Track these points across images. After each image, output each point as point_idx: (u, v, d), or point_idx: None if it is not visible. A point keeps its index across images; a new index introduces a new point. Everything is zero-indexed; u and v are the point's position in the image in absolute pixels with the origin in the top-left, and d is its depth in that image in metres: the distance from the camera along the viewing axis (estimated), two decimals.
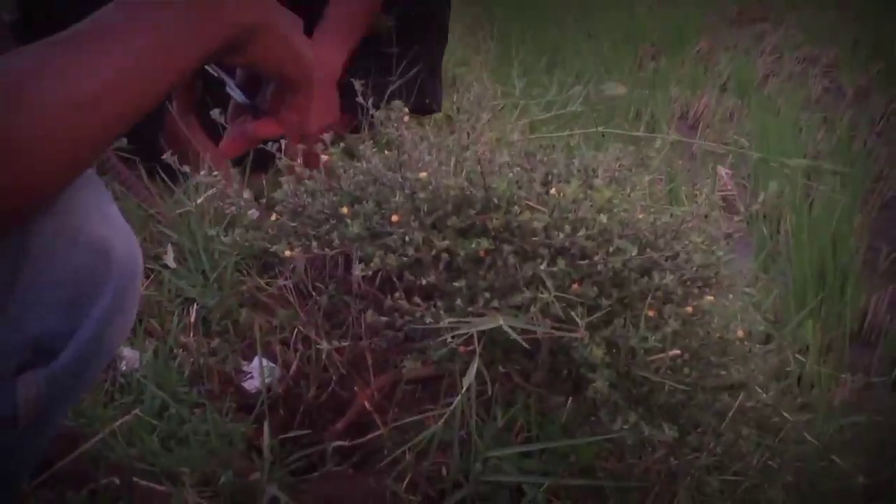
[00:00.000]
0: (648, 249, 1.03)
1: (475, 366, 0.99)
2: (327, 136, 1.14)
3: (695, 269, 1.05)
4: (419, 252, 1.03)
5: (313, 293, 1.41)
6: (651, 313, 1.01)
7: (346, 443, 1.19)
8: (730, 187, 2.55)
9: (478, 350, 0.98)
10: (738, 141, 2.82)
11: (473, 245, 1.01)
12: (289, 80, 0.78)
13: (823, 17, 5.38)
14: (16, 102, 0.53)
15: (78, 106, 0.56)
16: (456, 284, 1.03)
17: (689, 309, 1.04)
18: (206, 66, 0.79)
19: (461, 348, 1.01)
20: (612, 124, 2.90)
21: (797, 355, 1.50)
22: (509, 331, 0.95)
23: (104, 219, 0.66)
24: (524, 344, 0.96)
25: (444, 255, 1.03)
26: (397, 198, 1.04)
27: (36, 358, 0.66)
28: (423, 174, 1.04)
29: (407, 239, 1.03)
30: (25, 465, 0.72)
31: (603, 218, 0.99)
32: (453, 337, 0.98)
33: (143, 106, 0.61)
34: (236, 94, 0.85)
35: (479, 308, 1.02)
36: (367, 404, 1.22)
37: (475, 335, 0.97)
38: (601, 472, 1.14)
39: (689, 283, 1.06)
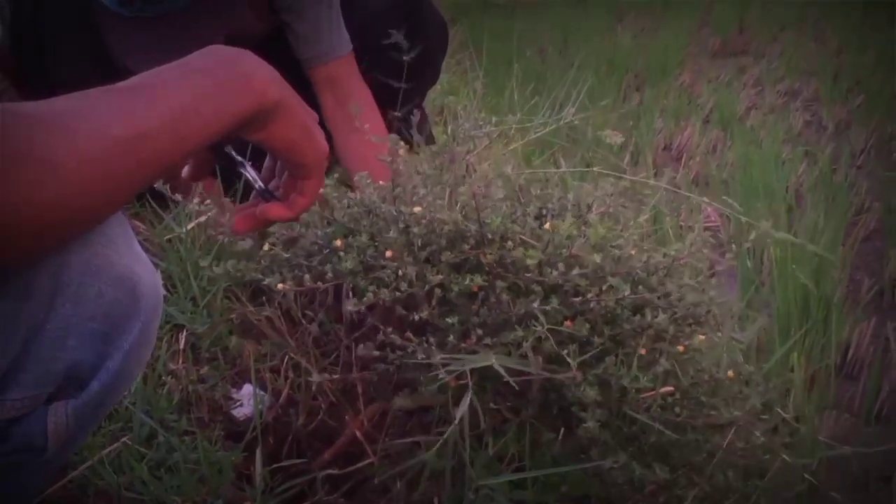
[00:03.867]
0: (641, 287, 1.03)
1: (468, 398, 0.99)
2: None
3: (687, 307, 1.06)
4: (412, 287, 1.03)
5: (303, 321, 1.41)
6: (643, 352, 1.02)
7: (336, 471, 1.19)
8: (714, 219, 2.57)
9: (470, 384, 0.98)
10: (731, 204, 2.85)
11: (467, 281, 1.01)
12: (303, 166, 0.80)
13: (804, 51, 5.46)
14: (64, 129, 0.57)
15: (118, 141, 0.59)
16: (449, 320, 1.03)
17: (681, 348, 1.04)
18: (228, 150, 0.83)
19: (452, 382, 1.01)
20: (597, 154, 2.93)
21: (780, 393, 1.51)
22: (501, 371, 0.95)
23: (133, 254, 0.69)
24: (515, 386, 0.97)
25: (438, 291, 1.03)
26: (392, 232, 1.05)
27: (65, 388, 0.68)
28: (417, 208, 1.04)
29: (400, 273, 1.03)
30: (41, 487, 0.73)
31: (596, 257, 1.00)
32: (446, 373, 0.97)
33: (175, 155, 0.64)
34: (252, 179, 0.86)
35: (471, 344, 1.02)
36: (357, 433, 1.22)
37: (468, 372, 0.97)
38: (593, 501, 1.14)
39: (680, 321, 1.07)
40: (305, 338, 1.38)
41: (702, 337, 1.05)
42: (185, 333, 1.38)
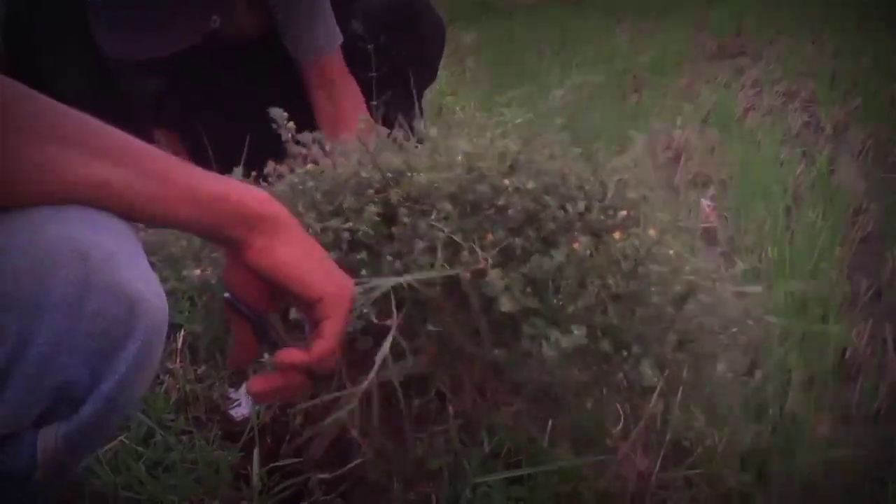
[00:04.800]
0: (561, 187, 1.02)
1: (390, 338, 0.95)
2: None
3: (610, 194, 1.03)
4: (317, 236, 1.01)
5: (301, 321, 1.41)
6: (576, 246, 0.98)
7: (327, 476, 1.18)
8: (712, 219, 2.57)
9: (395, 316, 0.95)
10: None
11: (366, 214, 1.00)
12: (319, 302, 0.77)
13: (801, 53, 5.46)
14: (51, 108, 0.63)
15: (63, 140, 0.64)
16: (359, 256, 1.02)
17: (617, 234, 1.01)
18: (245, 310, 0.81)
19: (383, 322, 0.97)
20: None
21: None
22: (406, 281, 0.94)
23: (138, 271, 0.67)
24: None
25: (345, 234, 1.02)
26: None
27: (57, 408, 0.66)
28: (310, 165, 1.04)
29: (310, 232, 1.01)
30: None
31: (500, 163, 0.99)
32: (367, 304, 0.95)
33: (119, 194, 0.67)
34: (278, 336, 0.84)
35: (385, 274, 1.01)
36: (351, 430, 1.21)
37: (394, 305, 0.95)
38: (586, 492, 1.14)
39: (610, 210, 1.04)
40: (283, 338, 1.38)
41: (624, 213, 1.02)
42: (182, 333, 1.38)
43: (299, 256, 0.75)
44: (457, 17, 5.72)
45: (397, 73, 1.69)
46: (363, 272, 1.01)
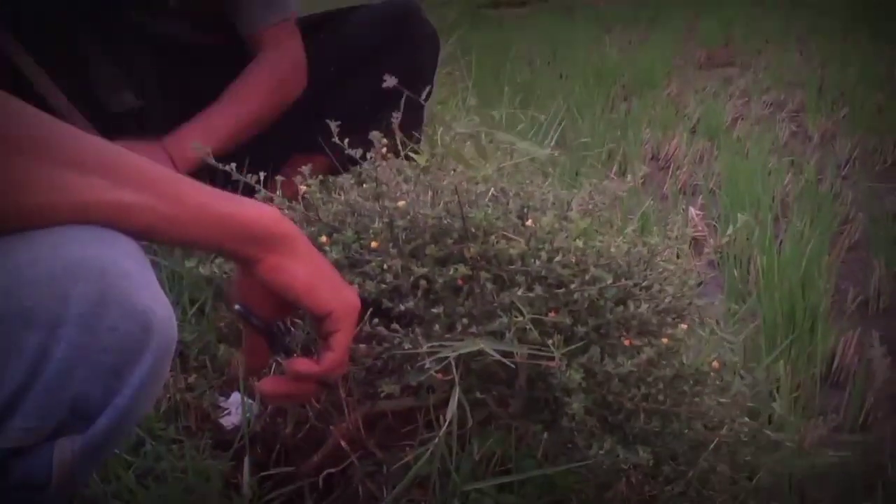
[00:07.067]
0: (623, 279, 1.04)
1: (456, 397, 0.99)
2: (306, 169, 1.15)
3: (668, 299, 1.06)
4: (398, 279, 1.03)
5: (292, 328, 1.41)
6: (627, 343, 1.02)
7: (319, 482, 1.18)
8: (700, 228, 2.58)
9: (457, 378, 0.98)
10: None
11: (452, 272, 1.01)
12: (328, 315, 0.81)
13: (789, 63, 5.50)
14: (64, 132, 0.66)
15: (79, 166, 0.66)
16: (434, 311, 1.03)
17: (665, 339, 1.04)
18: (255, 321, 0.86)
19: (439, 375, 1.00)
20: (585, 165, 2.94)
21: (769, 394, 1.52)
22: (491, 352, 0.95)
23: (151, 290, 0.69)
24: (507, 362, 0.97)
25: (423, 282, 1.04)
26: (376, 223, 1.05)
27: (71, 422, 0.67)
28: (401, 202, 1.05)
29: (385, 266, 1.04)
30: None
31: (579, 242, 1.00)
32: (432, 362, 0.97)
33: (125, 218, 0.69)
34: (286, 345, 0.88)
35: (457, 334, 1.02)
36: (342, 441, 1.21)
37: (453, 363, 0.97)
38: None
39: (663, 313, 1.07)
40: (294, 345, 1.38)
41: (684, 326, 1.06)
42: None
43: (309, 273, 0.78)
44: (446, 26, 5.75)
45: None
46: (436, 327, 1.03)
